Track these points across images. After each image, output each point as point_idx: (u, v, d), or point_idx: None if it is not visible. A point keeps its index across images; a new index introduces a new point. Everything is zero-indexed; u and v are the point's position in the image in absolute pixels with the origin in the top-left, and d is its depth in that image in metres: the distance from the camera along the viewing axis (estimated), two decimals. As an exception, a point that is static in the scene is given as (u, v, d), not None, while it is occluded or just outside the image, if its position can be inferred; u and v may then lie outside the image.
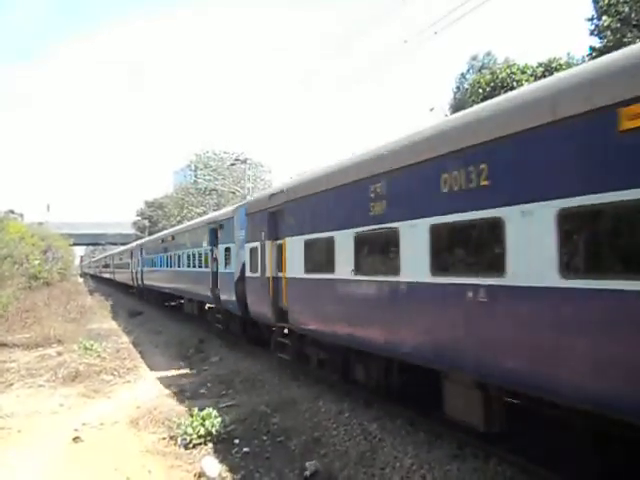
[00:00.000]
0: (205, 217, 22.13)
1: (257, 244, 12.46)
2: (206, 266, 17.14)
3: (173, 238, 23.68)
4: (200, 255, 18.17)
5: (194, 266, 18.92)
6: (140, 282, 32.20)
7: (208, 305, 18.56)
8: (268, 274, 11.67)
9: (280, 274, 11.16)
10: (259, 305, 12.42)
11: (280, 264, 11.14)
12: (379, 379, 8.52)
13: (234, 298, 14.24)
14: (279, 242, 11.22)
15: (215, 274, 16.19)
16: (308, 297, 10.07)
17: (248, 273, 13.18)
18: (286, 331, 11.45)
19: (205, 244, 17.42)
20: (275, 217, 11.53)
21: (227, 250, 15.15)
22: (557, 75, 6.15)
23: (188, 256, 19.93)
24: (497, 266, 5.45)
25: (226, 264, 15.17)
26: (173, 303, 26.02)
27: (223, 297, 15.46)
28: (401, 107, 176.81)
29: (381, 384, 8.53)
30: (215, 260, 16.30)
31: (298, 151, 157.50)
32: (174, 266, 22.51)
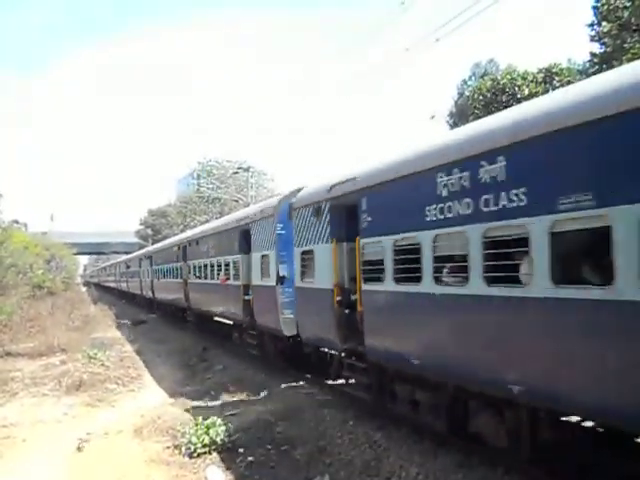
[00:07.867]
0: (139, 252, 40.51)
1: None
2: (141, 277, 34.79)
3: (128, 261, 43.34)
4: (138, 272, 35.68)
5: (137, 278, 36.35)
6: (120, 287, 50.25)
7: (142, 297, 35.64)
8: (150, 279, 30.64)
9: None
10: (146, 291, 31.87)
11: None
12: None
13: (145, 291, 32.59)
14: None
15: (142, 281, 34.27)
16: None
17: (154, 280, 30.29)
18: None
19: (139, 267, 35.53)
20: (151, 259, 30.38)
21: (146, 270, 32.50)
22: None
23: (133, 273, 38.84)
24: None
25: (145, 277, 32.71)
26: (131, 296, 42.82)
27: (144, 292, 33.45)
28: (403, 115, 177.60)
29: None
30: (142, 274, 34.43)
31: (301, 158, 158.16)
32: (129, 277, 41.96)
